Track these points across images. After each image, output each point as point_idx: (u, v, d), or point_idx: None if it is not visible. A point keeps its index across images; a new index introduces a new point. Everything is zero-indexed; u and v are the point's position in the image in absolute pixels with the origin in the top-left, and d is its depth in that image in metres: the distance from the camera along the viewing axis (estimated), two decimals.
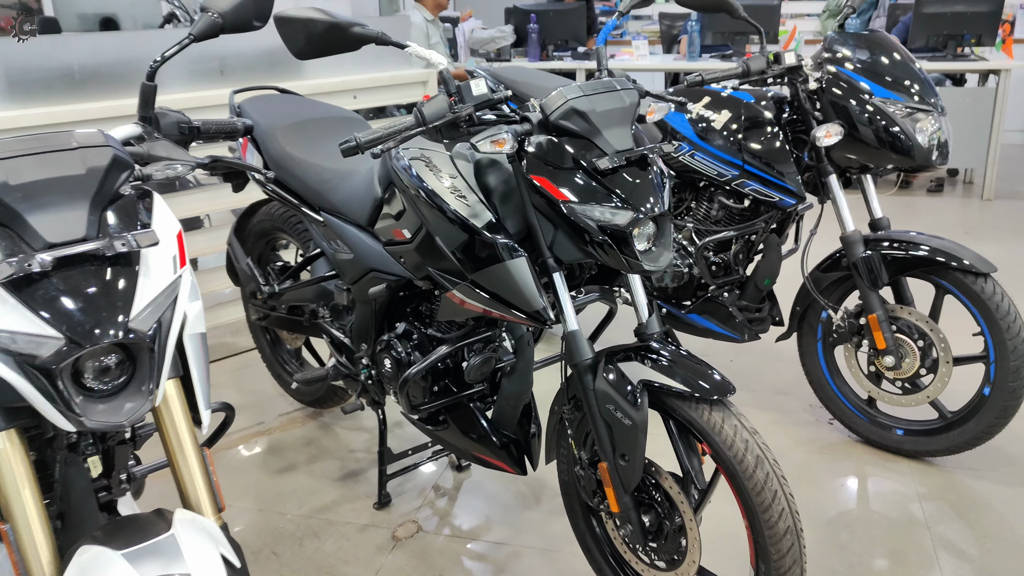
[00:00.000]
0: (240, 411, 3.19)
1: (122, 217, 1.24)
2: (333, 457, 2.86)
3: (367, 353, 2.36)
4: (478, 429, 2.19)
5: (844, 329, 2.70)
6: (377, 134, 1.73)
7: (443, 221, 1.88)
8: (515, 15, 6.94)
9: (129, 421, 1.20)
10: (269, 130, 2.58)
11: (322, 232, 2.46)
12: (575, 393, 1.92)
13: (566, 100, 1.72)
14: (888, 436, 2.74)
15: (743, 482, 1.67)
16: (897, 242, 2.55)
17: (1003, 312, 2.42)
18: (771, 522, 1.65)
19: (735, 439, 1.68)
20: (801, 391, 3.14)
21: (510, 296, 1.83)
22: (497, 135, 1.70)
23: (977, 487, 2.56)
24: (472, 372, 2.09)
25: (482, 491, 2.63)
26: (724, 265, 2.91)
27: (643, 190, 1.72)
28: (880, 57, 2.55)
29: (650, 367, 1.76)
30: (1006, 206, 5.73)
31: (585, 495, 1.94)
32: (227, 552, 1.28)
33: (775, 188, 2.69)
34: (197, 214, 3.49)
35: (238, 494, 2.66)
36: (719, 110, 2.79)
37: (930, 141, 2.49)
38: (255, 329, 3.18)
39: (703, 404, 1.72)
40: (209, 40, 1.63)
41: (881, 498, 2.53)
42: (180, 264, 1.30)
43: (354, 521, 2.50)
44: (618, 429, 1.76)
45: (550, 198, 1.73)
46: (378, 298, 2.24)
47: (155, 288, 1.23)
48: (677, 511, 1.81)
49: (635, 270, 1.74)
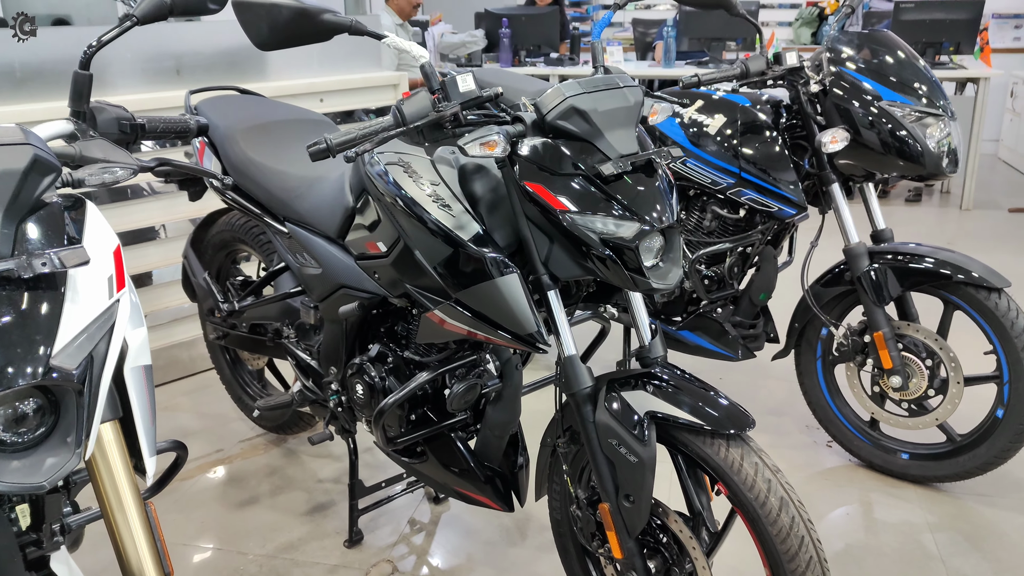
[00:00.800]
0: (197, 436, 2.95)
1: (44, 231, 1.03)
2: (299, 488, 2.64)
3: (336, 377, 2.14)
4: (460, 462, 1.99)
5: (847, 347, 2.54)
6: (350, 135, 1.53)
7: (423, 233, 1.67)
8: (486, 19, 6.76)
9: (50, 481, 0.98)
10: (229, 133, 2.36)
11: (287, 244, 2.24)
12: (571, 424, 1.73)
13: (564, 98, 1.53)
14: (892, 460, 2.58)
15: (766, 528, 1.48)
16: (904, 255, 2.39)
17: (1018, 329, 2.28)
18: (798, 572, 1.47)
19: (756, 479, 1.49)
20: (796, 411, 2.98)
21: (500, 317, 1.64)
22: (487, 137, 1.50)
23: (990, 516, 2.41)
24: (455, 401, 1.88)
25: (462, 525, 2.43)
26: (718, 279, 2.74)
27: (650, 199, 1.54)
28: (885, 57, 2.40)
29: (657, 396, 1.57)
30: (985, 216, 5.65)
31: (583, 538, 1.75)
32: None
33: (773, 197, 2.52)
34: (151, 224, 3.25)
35: (194, 532, 2.43)
36: (713, 114, 2.62)
37: (940, 147, 2.34)
38: (214, 348, 2.94)
39: (719, 439, 1.53)
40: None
41: (890, 528, 2.37)
42: (118, 287, 1.08)
43: (323, 561, 2.28)
44: (622, 467, 1.57)
45: (546, 207, 1.54)
46: (349, 317, 2.03)
47: (85, 316, 1.02)
48: (688, 557, 1.62)
49: (641, 288, 1.55)
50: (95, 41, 1.34)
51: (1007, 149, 7.34)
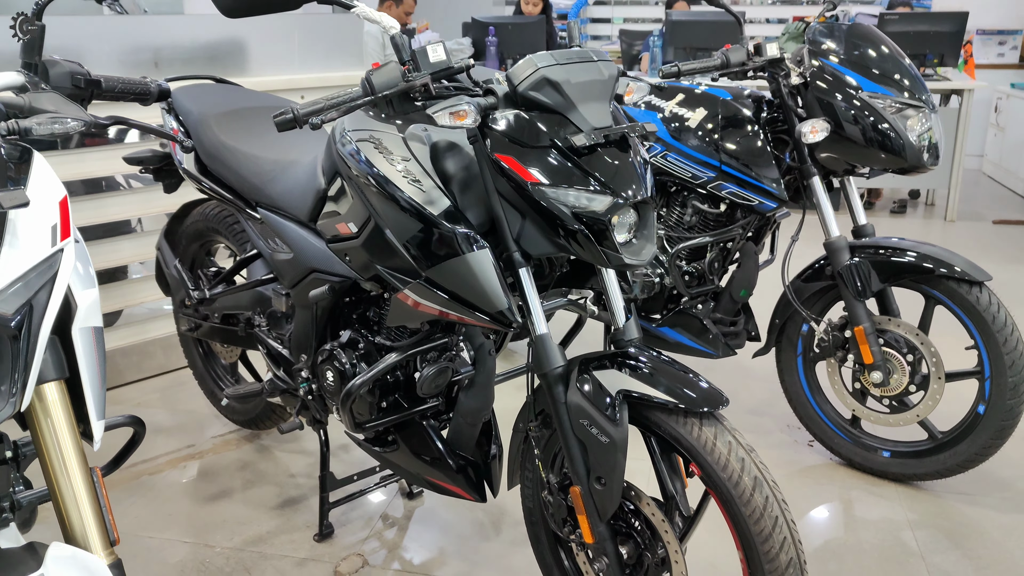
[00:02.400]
0: (169, 432, 2.89)
1: None
2: (271, 483, 2.58)
3: (307, 364, 2.10)
4: (432, 450, 1.94)
5: (828, 343, 2.51)
6: (316, 105, 1.50)
7: (394, 210, 1.64)
8: (473, 28, 6.75)
9: None
10: (202, 118, 2.32)
11: (259, 230, 2.21)
12: (543, 407, 1.69)
13: (536, 68, 1.50)
14: (873, 458, 2.55)
15: (739, 508, 1.44)
16: (885, 249, 2.37)
17: (999, 324, 2.25)
18: (771, 554, 1.43)
19: (730, 458, 1.45)
20: (777, 411, 2.95)
21: (470, 295, 1.60)
22: (458, 106, 1.47)
23: (971, 513, 2.38)
24: (425, 384, 1.84)
25: (436, 520, 2.38)
26: (698, 274, 2.71)
27: (624, 173, 1.51)
28: (867, 50, 2.39)
29: (630, 376, 1.53)
30: (970, 227, 5.66)
31: (554, 524, 1.70)
32: None
33: (754, 190, 2.50)
34: (126, 218, 3.20)
35: (161, 524, 2.37)
36: (694, 108, 2.60)
37: (921, 141, 2.32)
38: (186, 342, 2.89)
39: (692, 418, 1.49)
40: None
41: (870, 525, 2.33)
42: (62, 236, 1.04)
43: (292, 555, 2.22)
44: (593, 448, 1.53)
45: (517, 180, 1.50)
46: (320, 302, 1.99)
47: (24, 262, 0.98)
48: (660, 541, 1.58)
49: (614, 264, 1.52)
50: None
51: (991, 164, 7.38)
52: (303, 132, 2.37)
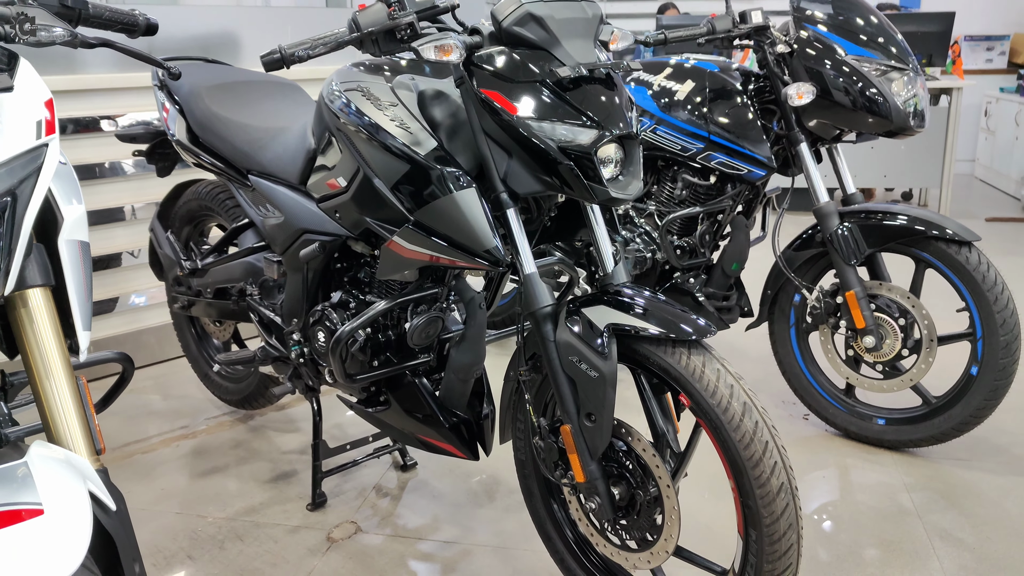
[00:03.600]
0: (164, 416, 2.88)
1: None
2: (264, 459, 2.57)
3: (298, 327, 2.10)
4: (424, 408, 1.94)
5: (820, 310, 2.51)
6: (304, 43, 1.52)
7: (383, 155, 1.66)
8: None
9: None
10: (194, 89, 2.35)
11: (250, 198, 2.22)
12: (534, 351, 1.69)
13: (520, 4, 1.52)
14: (868, 426, 2.54)
15: (729, 434, 1.44)
16: (875, 213, 2.38)
17: (990, 283, 2.26)
18: (762, 479, 1.42)
19: (719, 385, 1.45)
20: (772, 388, 2.94)
21: (459, 235, 1.61)
22: (443, 41, 1.49)
23: (967, 476, 2.37)
24: (416, 334, 1.85)
25: (429, 490, 2.36)
26: (689, 248, 2.72)
27: (609, 108, 1.52)
28: (853, 16, 2.42)
29: (620, 312, 1.53)
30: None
31: (545, 469, 1.69)
32: (99, 492, 1.01)
33: (743, 159, 2.51)
34: (120, 205, 3.21)
35: (154, 497, 2.35)
36: (682, 81, 2.62)
37: (907, 105, 2.34)
38: (180, 322, 2.88)
39: (680, 348, 1.50)
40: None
41: (867, 489, 2.32)
42: (47, 132, 1.05)
43: (284, 523, 2.21)
44: (583, 384, 1.53)
45: (504, 116, 1.52)
46: (311, 262, 1.99)
47: (7, 148, 0.98)
48: (652, 479, 1.57)
49: (600, 198, 1.53)
50: None
51: (983, 167, 7.41)
52: (292, 101, 2.39)
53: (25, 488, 0.91)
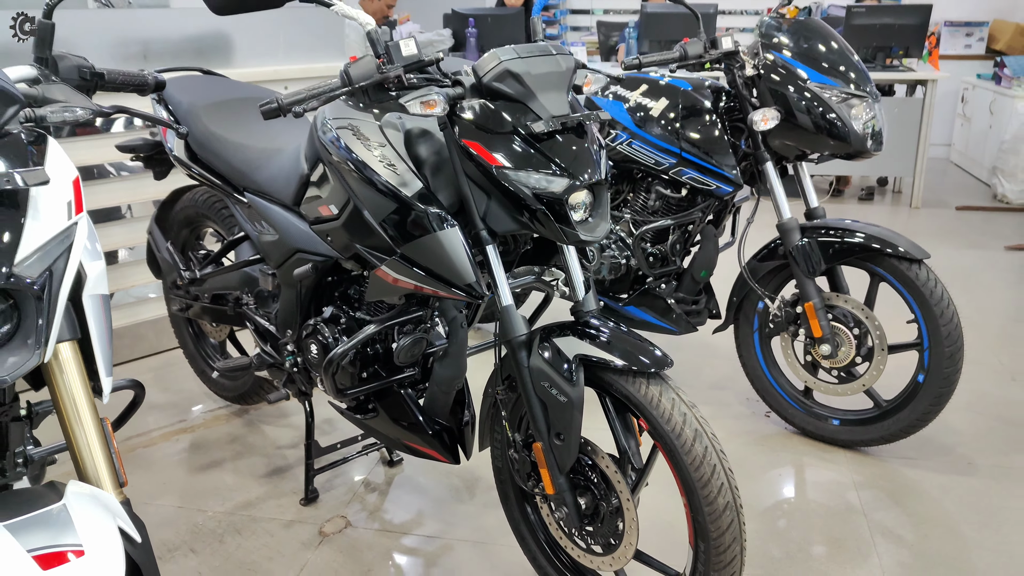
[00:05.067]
0: (162, 409, 3.04)
1: (8, 155, 1.13)
2: (259, 454, 2.73)
3: (292, 339, 2.25)
4: (409, 417, 2.10)
5: (781, 318, 2.68)
6: (299, 95, 1.65)
7: (372, 192, 1.79)
8: (453, 20, 6.88)
9: (11, 376, 1.08)
10: (191, 108, 2.46)
11: (246, 214, 2.35)
12: (509, 372, 1.85)
13: (500, 61, 1.65)
14: (824, 426, 2.73)
15: (681, 457, 1.61)
16: (833, 229, 2.54)
17: (936, 298, 2.43)
18: (710, 498, 1.60)
19: (673, 412, 1.62)
20: (737, 385, 3.12)
21: (442, 269, 1.75)
22: (428, 96, 1.63)
23: (911, 475, 2.56)
24: (402, 353, 2.00)
25: (414, 486, 2.54)
26: (661, 256, 2.88)
27: (580, 158, 1.67)
28: (816, 43, 2.55)
29: (587, 342, 1.69)
30: (933, 214, 5.86)
31: (519, 479, 1.86)
32: (126, 526, 1.17)
33: (712, 176, 2.66)
34: (117, 204, 3.33)
35: (156, 491, 2.51)
36: (657, 98, 2.76)
37: (865, 128, 2.49)
38: (177, 322, 3.03)
39: (640, 378, 1.66)
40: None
41: (818, 487, 2.51)
42: (76, 210, 1.19)
43: (279, 517, 2.38)
44: (553, 407, 1.69)
45: (483, 164, 1.66)
46: (304, 280, 2.14)
47: (45, 233, 1.12)
48: (614, 492, 1.74)
49: (571, 241, 1.68)
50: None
51: (958, 153, 7.58)
52: (287, 122, 2.51)
53: (67, 530, 1.07)
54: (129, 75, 1.50)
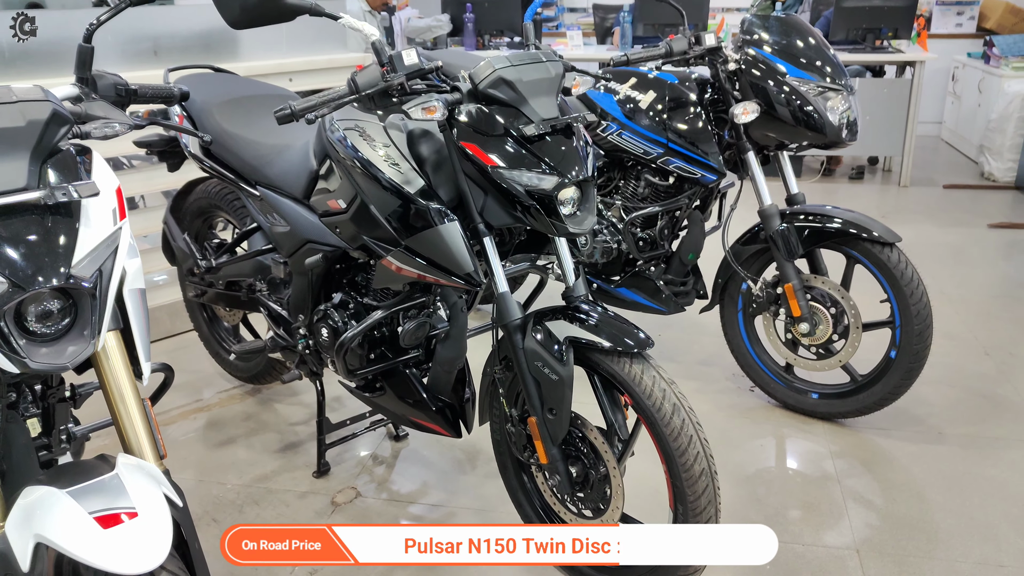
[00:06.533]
0: (179, 389, 3.20)
1: (62, 170, 1.29)
2: (273, 431, 2.91)
3: (304, 324, 2.41)
4: (414, 394, 2.27)
5: (762, 298, 2.84)
6: (311, 102, 1.80)
7: (377, 189, 1.95)
8: (451, 4, 6.99)
9: (72, 363, 1.25)
10: (205, 107, 2.61)
11: (259, 206, 2.50)
12: (506, 354, 2.01)
13: (494, 70, 1.81)
14: (804, 400, 2.90)
15: (661, 428, 1.78)
16: (811, 215, 2.70)
17: (907, 279, 2.59)
18: (687, 465, 1.77)
19: (653, 388, 1.79)
20: (724, 362, 3.28)
21: (443, 260, 1.91)
22: (428, 102, 1.78)
23: (884, 445, 2.73)
24: (407, 336, 2.16)
25: (419, 458, 2.71)
26: (651, 240, 3.03)
27: (568, 157, 1.82)
28: (795, 40, 2.70)
29: (576, 325, 1.86)
30: (921, 192, 6.01)
31: (516, 450, 2.04)
32: (170, 492, 1.34)
33: (697, 165, 2.81)
34: (131, 195, 3.48)
35: (177, 466, 2.68)
36: (645, 91, 2.91)
37: (840, 119, 2.64)
38: (192, 307, 3.19)
39: (624, 358, 1.82)
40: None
41: (797, 456, 2.69)
42: (120, 217, 1.35)
43: (294, 489, 2.56)
44: (546, 385, 1.85)
45: (480, 164, 1.81)
46: (314, 269, 2.29)
47: (95, 237, 1.28)
48: (602, 461, 1.91)
49: (560, 233, 1.84)
50: (95, 19, 1.59)
51: (948, 130, 7.71)
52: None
53: (121, 496, 1.24)
54: (158, 89, 1.66)
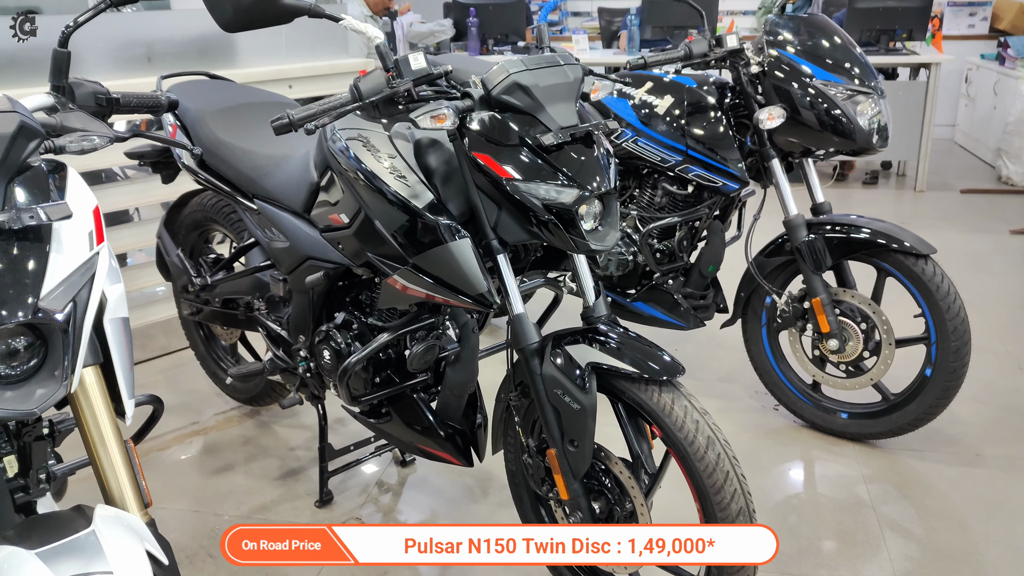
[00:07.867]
0: (174, 411, 3.06)
1: (31, 190, 1.15)
2: (272, 456, 2.76)
3: (305, 345, 2.27)
4: (422, 420, 2.12)
5: (788, 313, 2.70)
6: (310, 110, 1.65)
7: (382, 203, 1.80)
8: (454, 9, 6.88)
9: (40, 408, 1.11)
10: (199, 115, 2.47)
11: (256, 220, 2.36)
12: (522, 379, 1.87)
13: (508, 74, 1.66)
14: (833, 420, 2.75)
15: (694, 464, 1.63)
16: (839, 225, 2.55)
17: (943, 293, 2.44)
18: (723, 504, 1.62)
19: (685, 420, 1.64)
20: (746, 378, 3.13)
21: (453, 279, 1.77)
22: (437, 110, 1.64)
23: (920, 468, 2.58)
24: (415, 361, 2.02)
25: (427, 486, 2.56)
26: (668, 252, 2.89)
27: (589, 167, 1.68)
28: (821, 40, 2.55)
29: (598, 350, 1.71)
30: (937, 197, 5.86)
31: (534, 483, 1.89)
32: (153, 549, 1.19)
33: (718, 173, 2.67)
34: (125, 207, 3.35)
35: (172, 496, 2.55)
36: (662, 95, 2.76)
37: (871, 124, 2.50)
38: (188, 325, 3.05)
39: (652, 386, 1.68)
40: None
41: (827, 481, 2.54)
42: (97, 240, 1.21)
43: (295, 520, 2.41)
44: (566, 414, 1.71)
45: (493, 176, 1.67)
46: (316, 287, 2.15)
47: (68, 265, 1.14)
48: (628, 496, 1.76)
49: (581, 250, 1.69)
50: (72, 22, 1.45)
51: (963, 133, 7.56)
52: None
53: (97, 557, 1.09)
54: (143, 97, 1.52)
